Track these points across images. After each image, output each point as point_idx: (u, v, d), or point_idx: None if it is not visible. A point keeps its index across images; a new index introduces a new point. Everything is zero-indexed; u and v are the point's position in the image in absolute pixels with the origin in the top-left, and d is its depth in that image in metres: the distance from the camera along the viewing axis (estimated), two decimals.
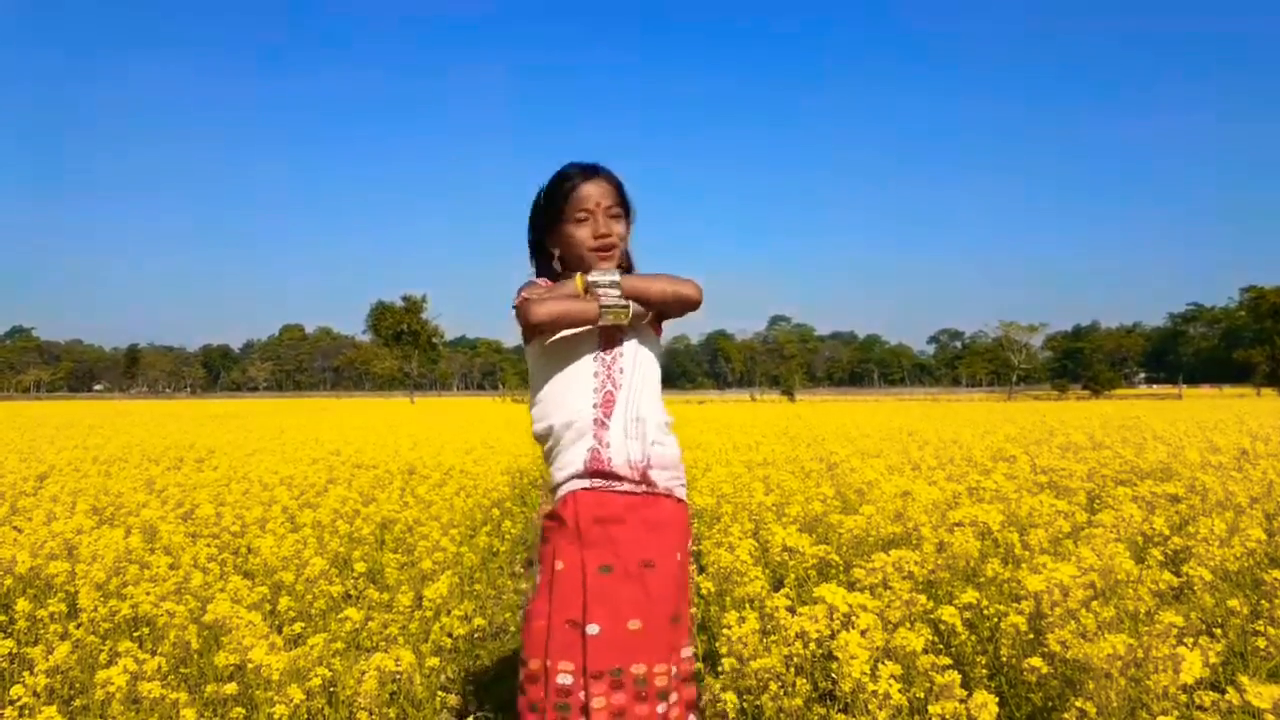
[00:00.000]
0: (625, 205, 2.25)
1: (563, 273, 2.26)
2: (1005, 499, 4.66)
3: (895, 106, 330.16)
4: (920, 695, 2.48)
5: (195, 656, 3.21)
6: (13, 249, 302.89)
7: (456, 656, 3.77)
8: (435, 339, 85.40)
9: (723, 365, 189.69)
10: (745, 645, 2.82)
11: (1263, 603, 3.06)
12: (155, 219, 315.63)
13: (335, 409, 42.45)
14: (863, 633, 2.49)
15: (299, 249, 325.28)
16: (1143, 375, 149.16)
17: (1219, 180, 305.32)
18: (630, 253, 2.33)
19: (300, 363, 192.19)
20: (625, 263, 2.28)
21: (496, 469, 8.81)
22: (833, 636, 2.57)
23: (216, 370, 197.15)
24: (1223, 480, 5.28)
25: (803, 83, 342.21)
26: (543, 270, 2.31)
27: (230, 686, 2.80)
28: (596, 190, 2.19)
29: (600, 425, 2.10)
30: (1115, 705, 2.24)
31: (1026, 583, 2.78)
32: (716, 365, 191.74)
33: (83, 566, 3.82)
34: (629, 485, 2.08)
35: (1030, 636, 2.74)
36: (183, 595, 3.52)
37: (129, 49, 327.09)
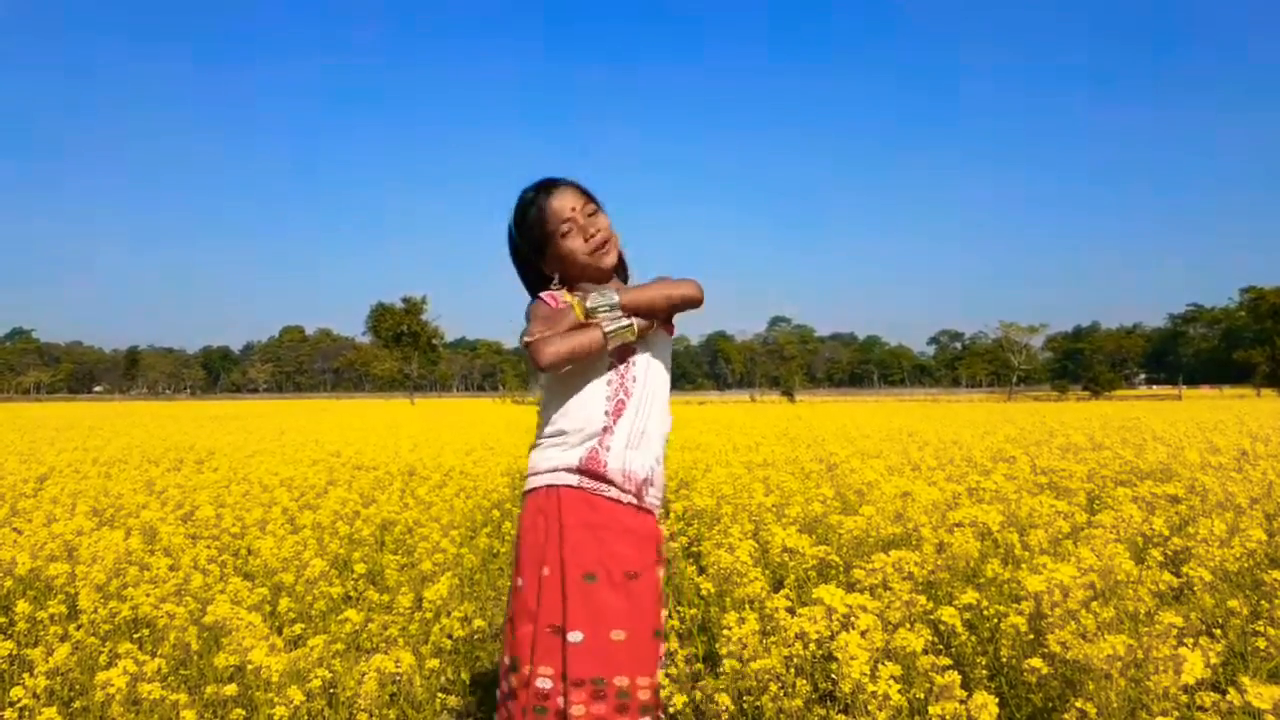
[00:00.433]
0: (594, 200, 2.24)
1: (568, 285, 2.24)
2: (1005, 499, 4.66)
3: (896, 107, 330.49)
4: (920, 696, 2.48)
5: (195, 658, 3.21)
6: (13, 251, 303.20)
7: (456, 658, 3.77)
8: (435, 340, 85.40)
9: (723, 366, 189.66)
10: (745, 646, 2.82)
11: (1263, 603, 3.06)
12: (155, 221, 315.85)
13: (335, 410, 42.44)
14: (863, 633, 2.49)
15: (299, 250, 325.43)
16: (1143, 376, 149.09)
17: (1219, 180, 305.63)
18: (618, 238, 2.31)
19: (300, 364, 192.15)
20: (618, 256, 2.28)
21: (496, 470, 8.81)
22: (833, 637, 2.57)
23: (216, 372, 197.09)
24: (1222, 481, 5.28)
25: (803, 83, 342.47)
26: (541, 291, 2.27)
27: (230, 688, 2.80)
28: (563, 200, 2.17)
29: (606, 431, 2.10)
30: (1115, 706, 2.24)
31: (1026, 583, 2.78)
32: (717, 366, 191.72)
33: (83, 568, 3.82)
34: (618, 492, 2.09)
35: (1030, 637, 2.74)
36: (183, 597, 3.52)
37: (125, 44, 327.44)
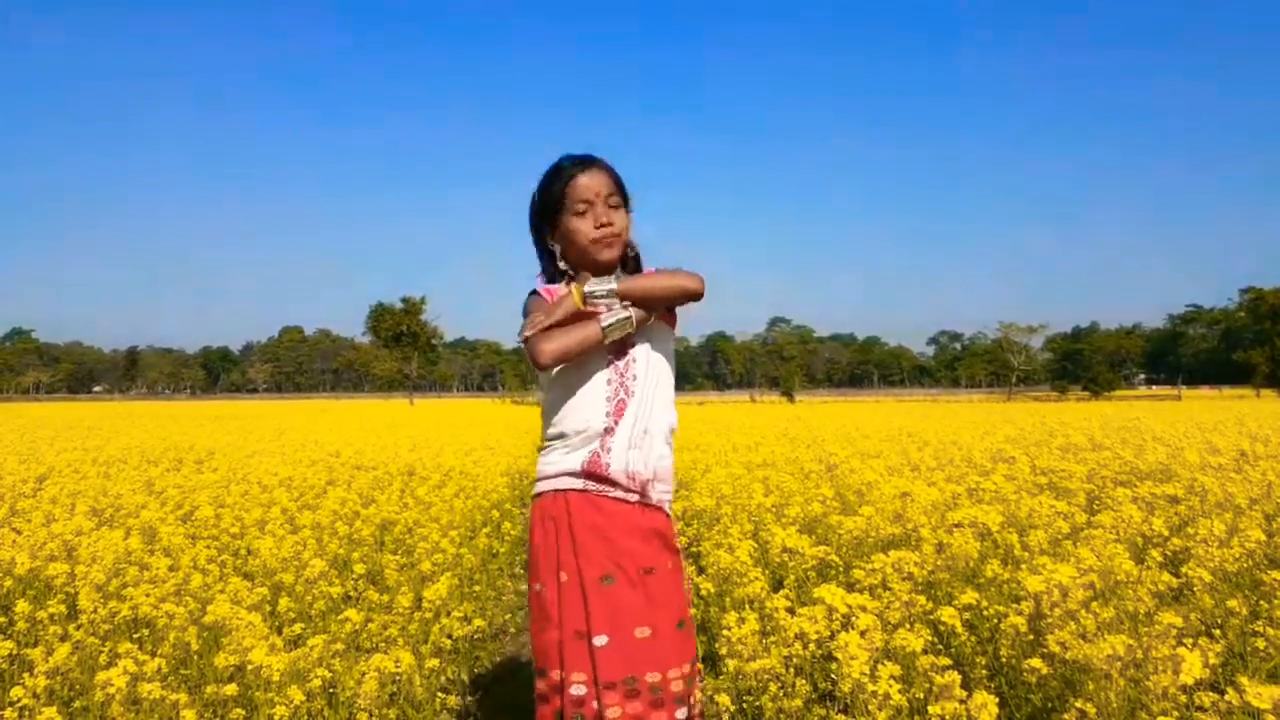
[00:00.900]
0: (624, 195, 2.21)
1: (567, 271, 2.22)
2: (1005, 500, 4.67)
3: (895, 108, 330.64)
4: (920, 696, 2.49)
5: (195, 658, 3.21)
6: (12, 252, 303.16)
7: (456, 658, 3.77)
8: (434, 340, 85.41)
9: (722, 367, 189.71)
10: (745, 646, 2.82)
11: (1262, 603, 3.06)
12: (154, 221, 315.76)
13: (334, 410, 42.44)
14: (862, 633, 2.49)
15: (299, 251, 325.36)
16: (1142, 376, 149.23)
17: (1218, 181, 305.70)
18: (635, 243, 2.27)
19: (300, 364, 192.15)
20: (631, 253, 2.24)
21: (496, 470, 8.81)
22: (832, 637, 2.57)
23: (216, 372, 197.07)
24: (1222, 481, 5.28)
25: (802, 82, 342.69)
26: (548, 268, 2.26)
27: (231, 687, 2.80)
28: (594, 181, 2.14)
29: (607, 432, 2.09)
30: (1115, 706, 2.24)
31: (1026, 583, 2.79)
32: (716, 367, 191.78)
33: (82, 568, 3.82)
34: (622, 493, 2.08)
35: (1030, 637, 2.74)
36: (182, 597, 3.52)
37: (123, 45, 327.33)
